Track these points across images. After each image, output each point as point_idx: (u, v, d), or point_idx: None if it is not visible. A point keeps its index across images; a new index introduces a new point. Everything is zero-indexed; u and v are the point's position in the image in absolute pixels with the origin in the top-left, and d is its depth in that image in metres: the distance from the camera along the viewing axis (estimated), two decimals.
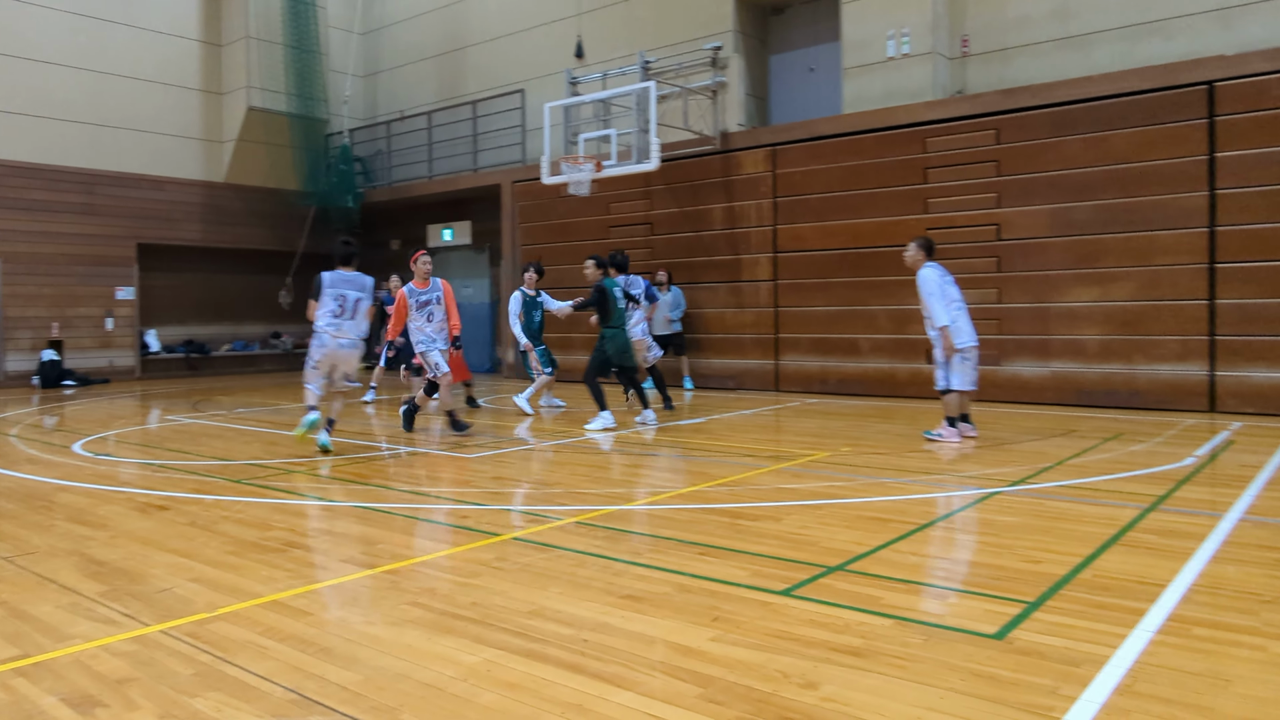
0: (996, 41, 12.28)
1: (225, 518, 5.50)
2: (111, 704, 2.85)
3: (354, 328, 7.98)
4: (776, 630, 3.42)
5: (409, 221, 20.23)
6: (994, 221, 11.58)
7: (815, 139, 13.10)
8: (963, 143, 11.81)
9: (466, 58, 18.76)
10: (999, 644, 3.25)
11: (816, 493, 6.07)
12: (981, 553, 4.50)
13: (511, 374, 17.13)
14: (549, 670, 3.07)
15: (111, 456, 8.16)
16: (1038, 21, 11.94)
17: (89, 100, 17.24)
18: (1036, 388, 11.36)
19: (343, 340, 7.92)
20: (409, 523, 5.32)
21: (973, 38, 12.46)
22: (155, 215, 18.24)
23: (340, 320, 7.90)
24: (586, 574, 4.20)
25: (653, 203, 14.94)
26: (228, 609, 3.75)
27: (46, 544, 4.89)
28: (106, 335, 17.68)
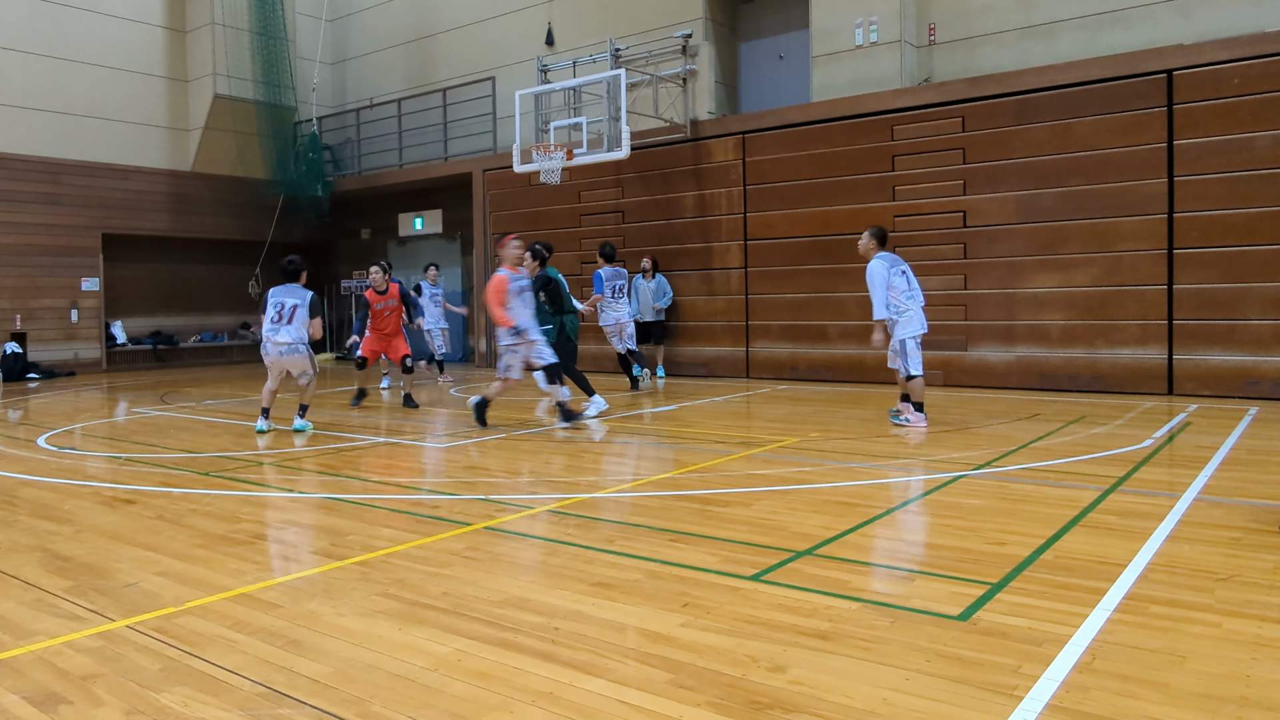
0: (962, 30, 12.38)
1: (193, 511, 5.46)
2: (76, 701, 2.82)
3: (291, 332, 8.57)
4: (745, 615, 3.45)
5: (379, 210, 20.07)
6: (960, 208, 11.70)
7: (784, 127, 13.15)
8: (930, 130, 11.90)
9: (436, 45, 18.60)
10: (963, 625, 3.31)
11: (786, 478, 6.12)
12: (947, 536, 4.57)
13: (484, 362, 17.08)
14: (520, 659, 3.08)
15: (77, 450, 8.06)
16: (1002, 10, 12.04)
17: (52, 88, 16.91)
18: (1002, 372, 11.51)
19: (281, 345, 8.58)
20: (380, 514, 5.31)
21: (939, 26, 12.55)
22: (121, 205, 17.95)
23: (278, 326, 8.56)
24: (558, 562, 4.21)
25: (624, 191, 14.93)
26: (195, 603, 3.73)
27: (9, 539, 4.83)
28: (72, 327, 17.40)
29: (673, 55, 14.02)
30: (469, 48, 17.87)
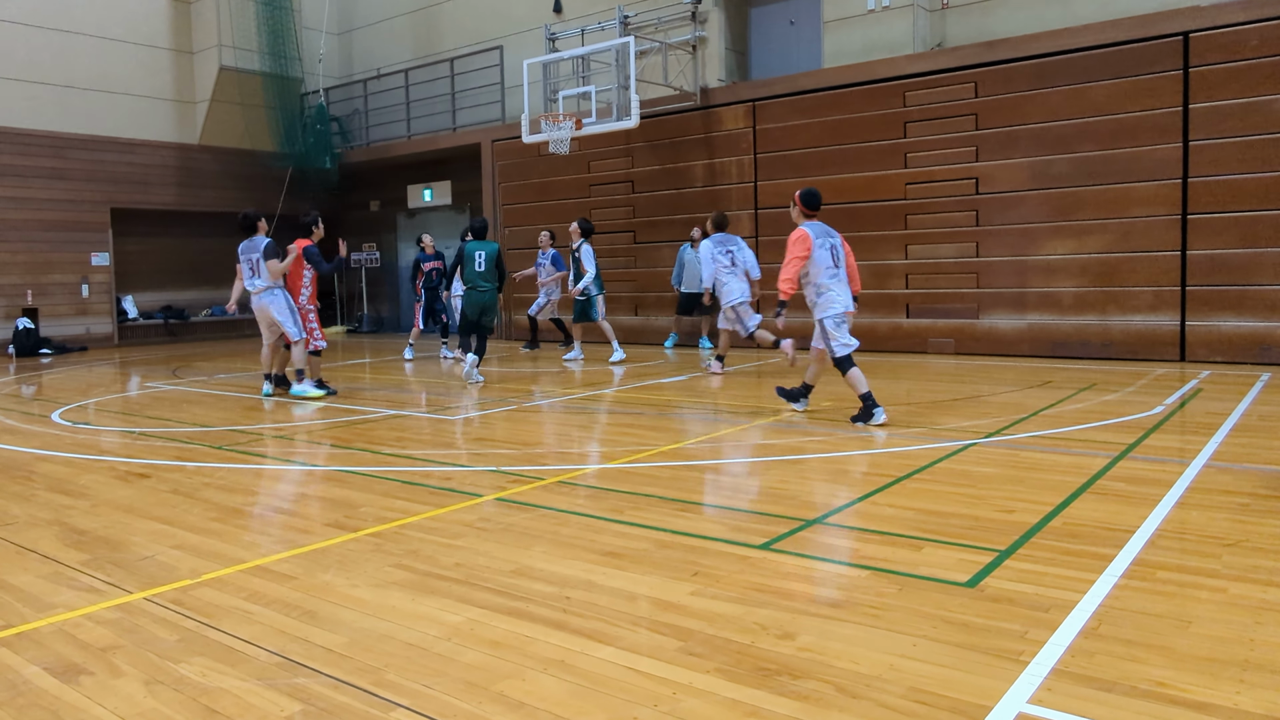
0: None
1: (207, 484, 5.52)
2: (96, 671, 2.88)
3: (259, 283, 9.11)
4: (755, 583, 3.48)
5: (388, 182, 20.02)
6: (973, 175, 11.59)
7: (796, 94, 13.01)
8: (942, 96, 11.76)
9: (443, 13, 18.43)
10: (971, 592, 3.33)
11: (796, 448, 6.14)
12: (956, 503, 4.58)
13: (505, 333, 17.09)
14: (532, 628, 3.12)
15: (91, 425, 8.13)
16: None
17: (55, 61, 16.83)
18: (1013, 340, 11.46)
19: (258, 295, 9.12)
20: (392, 486, 5.35)
21: None
22: (128, 179, 17.92)
23: (253, 279, 9.13)
24: (569, 532, 4.25)
25: (633, 160, 14.84)
26: (211, 575, 3.78)
27: (26, 514, 4.90)
28: (83, 302, 17.48)
29: (682, 22, 13.87)
30: (476, 16, 17.70)
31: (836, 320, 6.94)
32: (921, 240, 12.02)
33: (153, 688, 2.75)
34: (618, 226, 15.08)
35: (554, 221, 14.87)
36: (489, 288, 10.12)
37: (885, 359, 11.58)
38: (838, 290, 6.90)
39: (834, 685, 2.63)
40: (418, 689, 2.68)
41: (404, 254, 20.46)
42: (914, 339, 12.19)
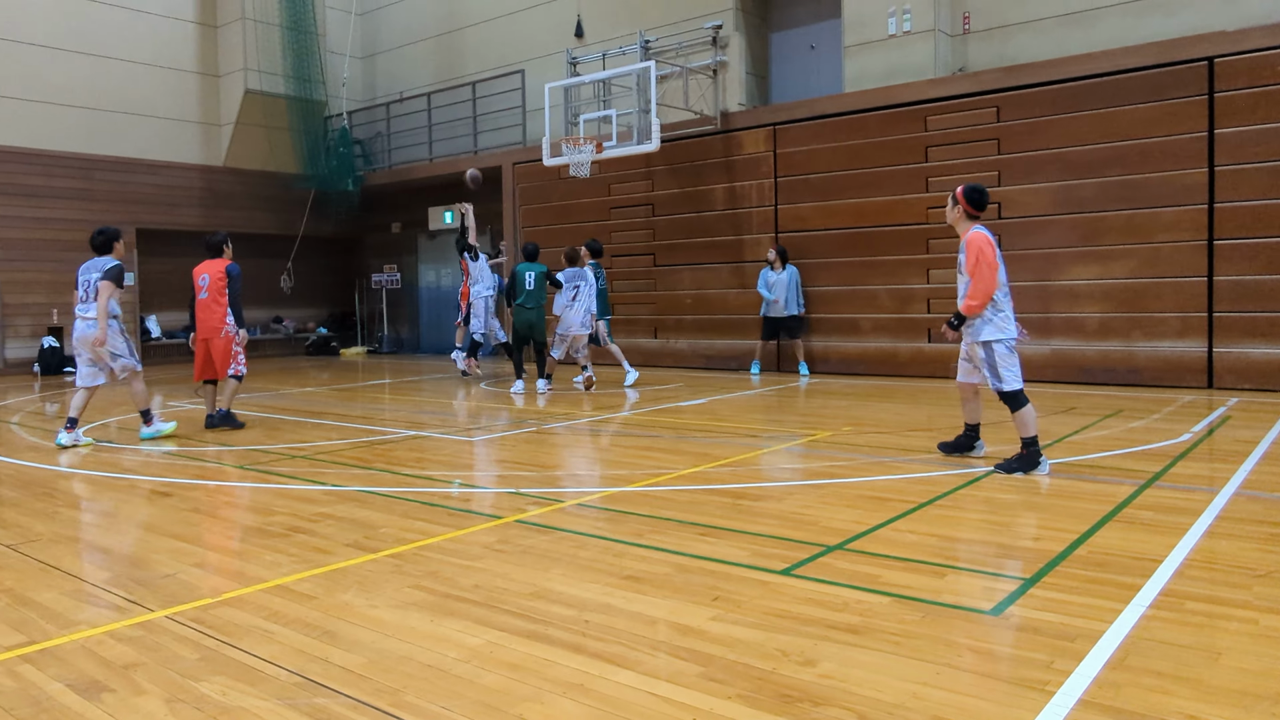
0: (998, 18, 12.20)
1: (228, 503, 5.54)
2: (118, 689, 2.88)
3: (92, 309, 7.89)
4: (776, 609, 3.45)
5: (409, 204, 20.19)
6: (995, 200, 11.55)
7: (817, 118, 13.05)
8: (964, 120, 11.77)
9: (465, 38, 18.65)
10: (995, 620, 3.29)
11: (818, 472, 6.10)
12: (979, 530, 4.53)
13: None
14: (551, 651, 3.10)
15: (113, 443, 8.20)
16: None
17: (84, 84, 17.13)
18: (1037, 365, 11.36)
19: (84, 323, 7.91)
20: (411, 506, 5.35)
21: (974, 15, 12.38)
22: (154, 200, 18.16)
23: (85, 304, 7.93)
24: (588, 555, 4.23)
25: (654, 183, 14.91)
26: (232, 594, 3.79)
27: (50, 531, 4.93)
28: None
29: (703, 46, 13.96)
30: (498, 41, 17.90)
31: (1011, 345, 5.90)
32: (944, 265, 11.97)
33: (174, 706, 2.75)
34: (638, 249, 15.13)
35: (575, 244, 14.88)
36: (537, 306, 11.18)
37: (906, 384, 11.52)
38: (1010, 310, 5.98)
39: (856, 713, 2.59)
40: (437, 710, 2.66)
41: (424, 275, 20.61)
42: (936, 364, 12.12)
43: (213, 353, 8.68)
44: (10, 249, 16.33)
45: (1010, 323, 5.88)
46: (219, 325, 8.60)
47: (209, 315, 8.62)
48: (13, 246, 16.35)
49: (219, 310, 8.60)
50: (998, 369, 5.84)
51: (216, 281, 8.63)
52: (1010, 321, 5.89)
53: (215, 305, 8.60)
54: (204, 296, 8.65)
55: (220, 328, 8.60)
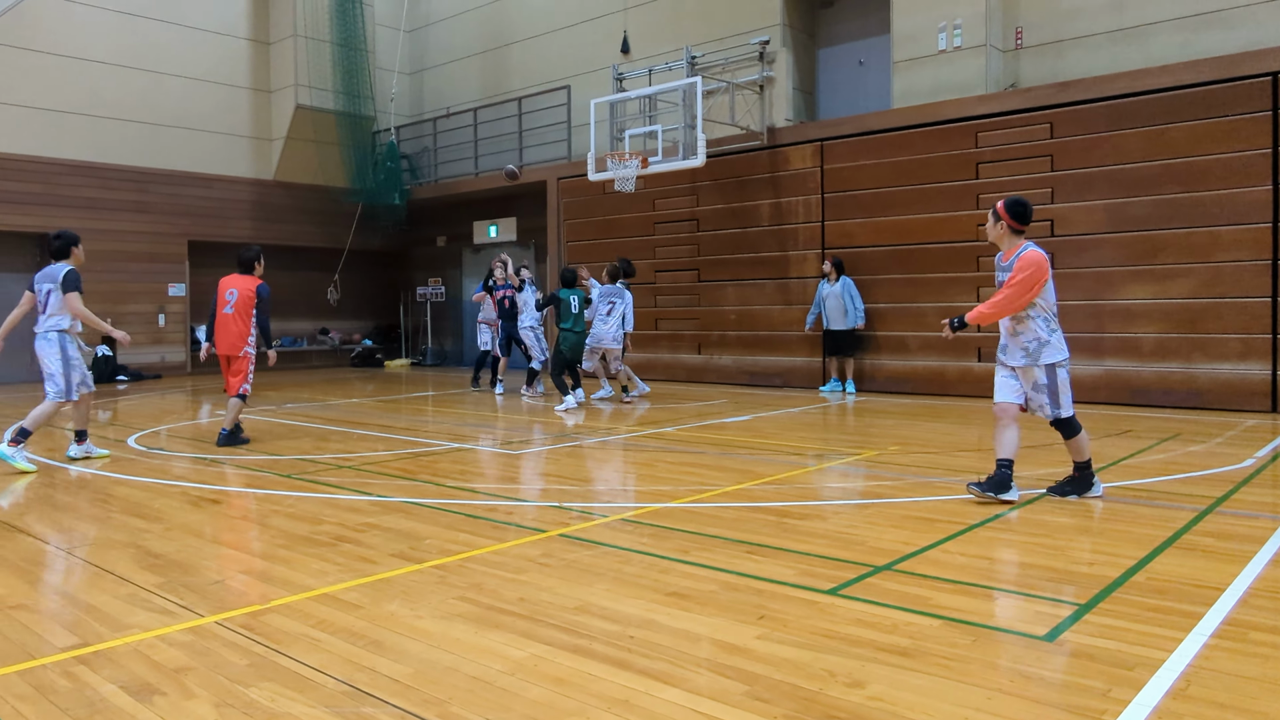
0: (1051, 34, 12.03)
1: (276, 512, 5.60)
2: (169, 692, 2.91)
3: (43, 321, 7.60)
4: (823, 629, 3.40)
5: (454, 218, 20.42)
6: (1047, 217, 11.37)
7: (864, 134, 12.97)
8: (1015, 137, 11.61)
9: (512, 54, 18.86)
10: (1049, 646, 3.20)
11: (864, 492, 6.02)
12: (1032, 554, 4.42)
13: None
14: (595, 666, 3.08)
15: (164, 451, 8.35)
16: (1093, 13, 11.67)
17: (141, 100, 17.60)
18: (1089, 386, 11.12)
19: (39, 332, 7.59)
20: (456, 518, 5.37)
21: (1026, 30, 12.23)
22: (206, 213, 18.56)
23: (41, 316, 7.62)
24: (632, 571, 4.20)
25: (698, 199, 14.90)
26: (280, 601, 3.82)
27: (104, 536, 5.02)
28: (159, 331, 18.06)
29: (750, 62, 13.96)
30: (544, 57, 18.07)
31: (1068, 367, 5.57)
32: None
33: (223, 711, 2.77)
34: (682, 265, 15.13)
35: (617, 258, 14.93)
36: (581, 330, 11.39)
37: (955, 404, 11.35)
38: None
39: None
40: None
41: (468, 288, 20.81)
42: (985, 384, 11.77)
43: (230, 369, 8.56)
44: None
45: (1064, 346, 5.56)
46: (240, 342, 8.42)
47: (230, 331, 8.43)
48: None
49: (242, 327, 8.42)
50: (1059, 395, 5.46)
51: (245, 299, 8.45)
52: (1064, 344, 5.57)
53: (239, 322, 8.41)
54: (229, 311, 8.46)
55: (241, 345, 8.42)
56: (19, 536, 5.02)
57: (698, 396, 12.43)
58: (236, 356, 8.47)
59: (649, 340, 15.47)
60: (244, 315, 8.43)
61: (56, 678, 3.04)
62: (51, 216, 16.48)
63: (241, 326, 8.42)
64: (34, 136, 16.34)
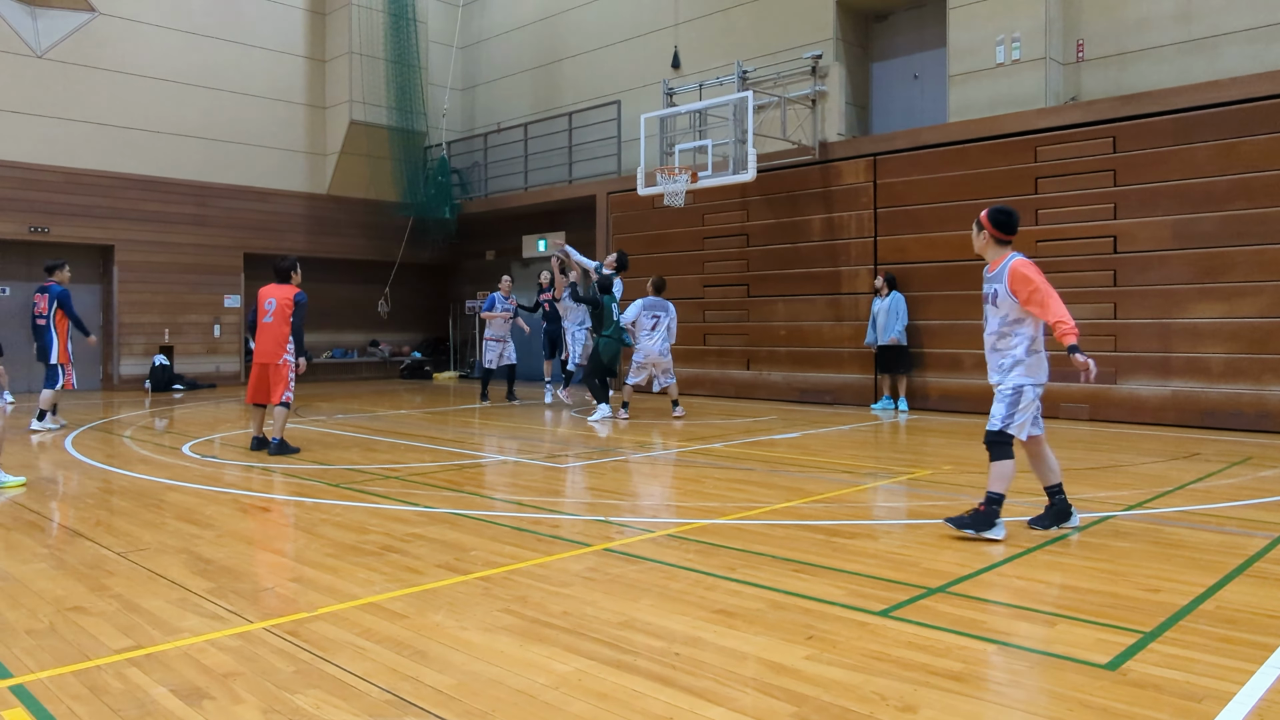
0: (1114, 46, 11.76)
1: (324, 520, 5.65)
2: (218, 697, 2.93)
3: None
4: (873, 651, 3.31)
5: (504, 232, 20.59)
6: (1110, 233, 11.09)
7: (919, 148, 12.81)
8: (1076, 151, 11.35)
9: (563, 70, 19.02)
10: (1112, 675, 3.08)
11: (917, 512, 5.89)
12: (1093, 579, 4.27)
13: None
14: (640, 682, 3.03)
15: (217, 459, 8.49)
16: (1159, 24, 11.39)
17: (201, 116, 18.08)
18: (1155, 407, 10.80)
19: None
20: (501, 530, 5.36)
21: (1088, 42, 11.98)
22: (261, 226, 18.97)
23: None
24: (678, 587, 4.15)
25: (749, 214, 14.84)
26: (327, 609, 3.83)
27: (157, 541, 5.10)
28: (214, 341, 18.45)
29: (802, 76, 13.89)
30: (595, 72, 18.18)
31: (1040, 392, 5.24)
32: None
33: (270, 716, 2.78)
34: (731, 280, 15.06)
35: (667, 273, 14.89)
36: (621, 337, 11.49)
37: None
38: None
39: None
40: None
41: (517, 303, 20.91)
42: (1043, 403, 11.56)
43: (271, 377, 8.62)
44: (129, 271, 17.26)
45: (1042, 369, 5.19)
46: (279, 350, 8.52)
47: (270, 340, 8.55)
48: (132, 269, 17.28)
49: (281, 335, 8.53)
50: (1014, 413, 5.13)
51: (284, 307, 8.57)
52: (1042, 367, 5.19)
53: (279, 330, 8.54)
54: (269, 320, 8.58)
55: (281, 353, 8.53)
56: (78, 540, 5.12)
57: (746, 413, 12.32)
58: (275, 364, 8.58)
59: (697, 355, 15.41)
60: (284, 324, 8.57)
61: (110, 679, 3.08)
62: (116, 229, 17.01)
63: (280, 335, 8.55)
64: (100, 151, 16.87)
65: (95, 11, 16.69)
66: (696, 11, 16.08)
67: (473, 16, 21.23)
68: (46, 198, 16.26)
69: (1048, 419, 10.95)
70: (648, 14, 17.03)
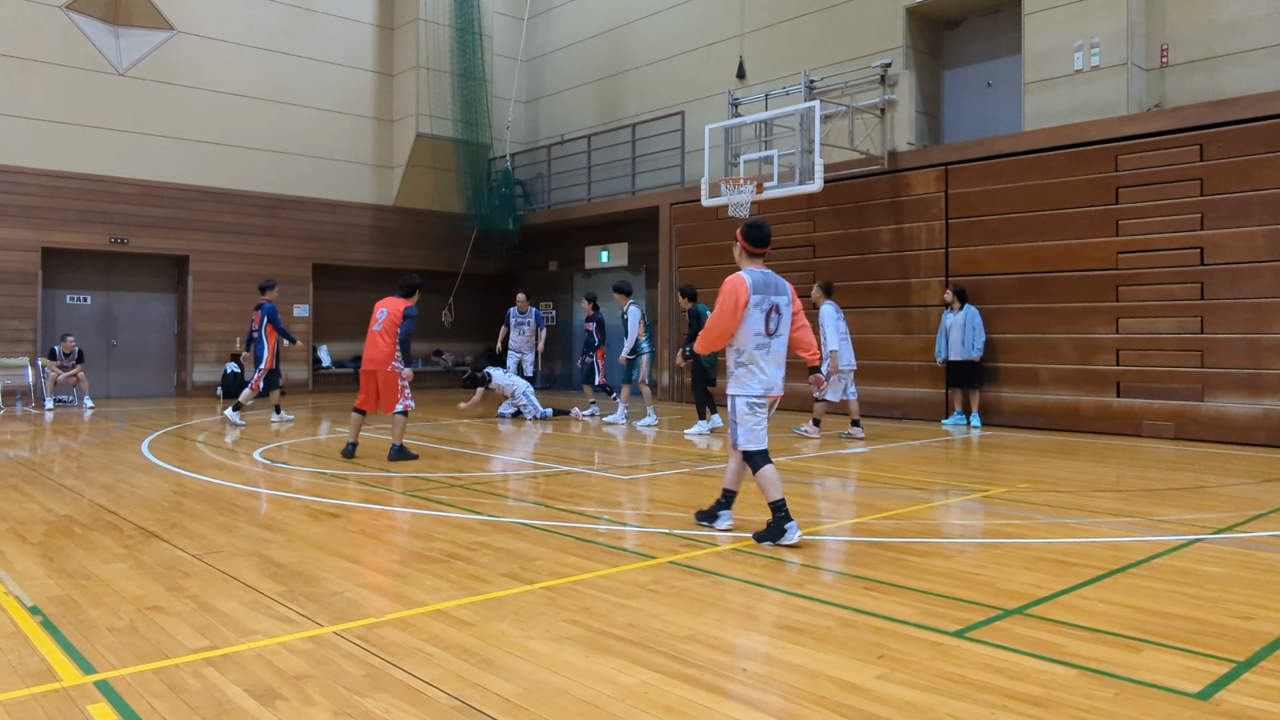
0: (1202, 50, 11.35)
1: (391, 527, 5.71)
2: (291, 698, 2.96)
3: None
4: (947, 672, 3.21)
5: (567, 243, 20.71)
6: (1197, 244, 10.69)
7: (993, 157, 12.52)
8: (1160, 159, 10.98)
9: (626, 81, 19.09)
10: (1202, 705, 2.94)
11: (991, 530, 5.72)
12: (1181, 604, 4.09)
13: (665, 395, 17.18)
14: (707, 697, 2.98)
15: (286, 464, 8.65)
16: (1251, 27, 10.94)
17: (273, 130, 18.58)
18: (1244, 426, 10.36)
19: None
20: (565, 541, 5.35)
21: (1173, 47, 11.59)
22: (330, 237, 19.41)
23: None
24: (744, 602, 4.09)
25: (815, 225, 14.69)
26: (395, 615, 3.86)
27: (230, 544, 5.20)
28: (284, 350, 18.78)
29: (870, 85, 13.72)
30: (659, 83, 18.21)
31: (753, 403, 5.36)
32: (1135, 314, 11.16)
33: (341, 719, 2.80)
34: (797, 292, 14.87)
35: None
36: None
37: (1090, 440, 10.75)
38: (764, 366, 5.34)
39: None
40: None
41: (578, 313, 21.04)
42: (1125, 420, 11.25)
43: (379, 385, 8.77)
44: (203, 280, 17.78)
45: (755, 380, 5.32)
46: (385, 359, 8.66)
47: (377, 348, 8.70)
48: (207, 279, 17.80)
49: (388, 345, 8.66)
50: (735, 426, 5.38)
51: (393, 318, 8.72)
52: (756, 379, 5.32)
53: (385, 339, 8.68)
54: (377, 329, 8.76)
55: (387, 361, 8.66)
56: (154, 541, 5.25)
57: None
58: (383, 371, 8.71)
59: None
60: (391, 334, 8.70)
61: (187, 677, 3.14)
62: (191, 240, 17.55)
63: (387, 344, 8.68)
64: (177, 165, 17.44)
65: (173, 30, 17.29)
66: (762, 21, 16.01)
67: (537, 30, 21.47)
68: (126, 210, 16.84)
69: (1130, 436, 10.62)
70: (713, 25, 17.02)
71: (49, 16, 15.99)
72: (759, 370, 5.34)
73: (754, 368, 5.35)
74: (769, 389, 5.34)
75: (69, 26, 16.20)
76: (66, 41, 16.16)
